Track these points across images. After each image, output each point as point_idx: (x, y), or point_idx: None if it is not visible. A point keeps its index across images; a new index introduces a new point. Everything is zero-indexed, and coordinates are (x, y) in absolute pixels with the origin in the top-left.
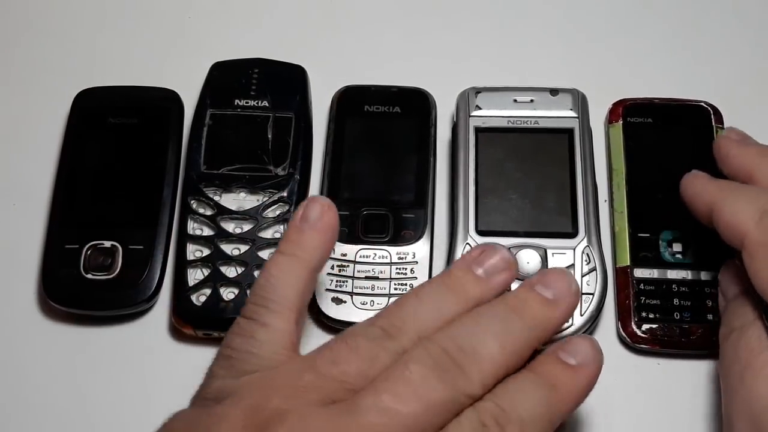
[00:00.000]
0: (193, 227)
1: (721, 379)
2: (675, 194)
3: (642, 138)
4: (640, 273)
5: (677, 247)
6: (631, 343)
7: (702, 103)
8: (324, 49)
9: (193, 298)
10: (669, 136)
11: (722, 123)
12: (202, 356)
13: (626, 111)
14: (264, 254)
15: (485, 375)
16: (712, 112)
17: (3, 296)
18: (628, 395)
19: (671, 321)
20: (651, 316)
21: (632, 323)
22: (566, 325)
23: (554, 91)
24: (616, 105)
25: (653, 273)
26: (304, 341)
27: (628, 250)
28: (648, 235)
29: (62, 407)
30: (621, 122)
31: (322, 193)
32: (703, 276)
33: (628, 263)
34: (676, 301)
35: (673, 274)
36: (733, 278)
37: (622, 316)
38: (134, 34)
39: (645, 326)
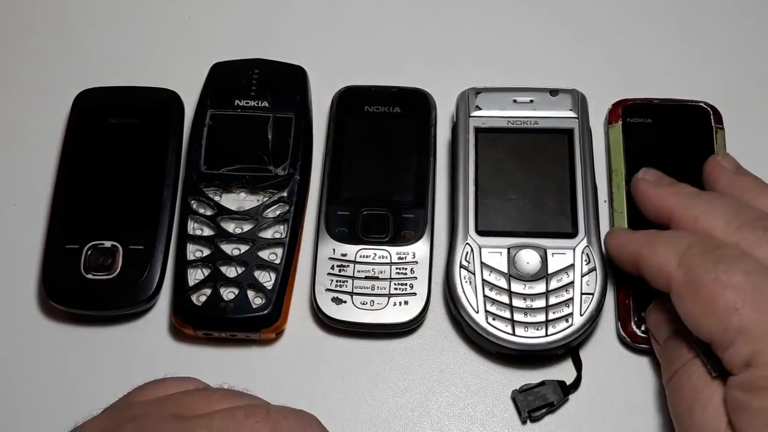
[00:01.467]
0: (194, 227)
1: (674, 424)
2: None
3: (641, 138)
4: None
5: None
6: (631, 342)
7: (701, 104)
8: (324, 49)
9: (193, 298)
10: (668, 137)
11: (721, 123)
12: (202, 356)
13: (626, 111)
14: (264, 254)
15: None
16: (711, 113)
17: (3, 296)
18: (628, 395)
19: None
20: None
21: (632, 323)
22: (566, 324)
23: (554, 92)
24: (615, 105)
25: None
26: (304, 341)
27: None
28: None
29: (62, 407)
30: (620, 122)
31: (322, 192)
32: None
33: None
34: None
35: None
36: (663, 321)
37: (622, 316)
38: (134, 34)
39: (645, 326)
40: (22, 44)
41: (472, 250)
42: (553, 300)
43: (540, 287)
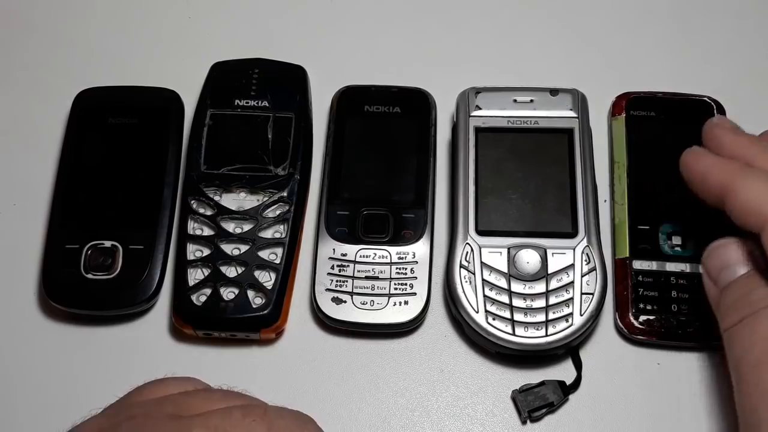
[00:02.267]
0: (194, 227)
1: (732, 371)
2: (676, 187)
3: (644, 131)
4: (638, 265)
5: (676, 239)
6: (629, 334)
7: (705, 98)
8: (324, 49)
9: (193, 298)
10: (671, 130)
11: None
12: (202, 356)
13: (629, 104)
14: (264, 254)
15: None
16: (714, 107)
17: (3, 296)
18: (625, 385)
19: (669, 313)
20: (649, 307)
21: (630, 314)
22: (566, 324)
23: (554, 91)
24: (619, 98)
25: (652, 265)
26: (304, 341)
27: (628, 242)
28: (647, 227)
29: (62, 407)
30: (624, 115)
31: (322, 193)
32: (702, 269)
33: (627, 255)
34: (674, 293)
35: (671, 266)
36: (735, 260)
37: (620, 308)
38: (134, 34)
39: (642, 318)
40: (22, 44)
41: (472, 250)
42: (553, 300)
43: (540, 287)
